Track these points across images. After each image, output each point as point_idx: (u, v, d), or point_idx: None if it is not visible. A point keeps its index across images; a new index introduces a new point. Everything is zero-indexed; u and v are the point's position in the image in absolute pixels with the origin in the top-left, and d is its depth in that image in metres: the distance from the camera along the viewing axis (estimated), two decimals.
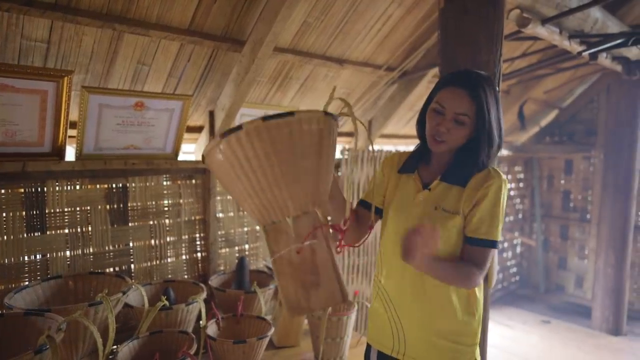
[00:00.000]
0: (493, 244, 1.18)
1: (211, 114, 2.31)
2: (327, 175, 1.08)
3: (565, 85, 4.58)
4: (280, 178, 0.98)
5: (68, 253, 1.94)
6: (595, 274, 4.48)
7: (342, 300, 1.04)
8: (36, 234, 1.85)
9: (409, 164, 1.33)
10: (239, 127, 0.93)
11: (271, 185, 0.98)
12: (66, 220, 1.94)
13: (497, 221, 1.18)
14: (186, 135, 2.27)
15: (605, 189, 4.31)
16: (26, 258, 1.83)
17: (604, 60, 3.08)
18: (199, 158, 2.41)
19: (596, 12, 2.60)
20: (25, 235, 1.83)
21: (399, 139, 3.75)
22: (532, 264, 5.62)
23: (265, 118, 0.94)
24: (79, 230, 1.97)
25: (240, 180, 0.99)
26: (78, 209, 1.97)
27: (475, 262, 1.17)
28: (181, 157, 2.25)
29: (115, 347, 1.66)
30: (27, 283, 1.79)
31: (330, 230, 1.09)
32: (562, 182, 5.35)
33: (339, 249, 1.10)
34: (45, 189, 1.87)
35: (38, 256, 1.87)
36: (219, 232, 2.45)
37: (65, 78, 1.66)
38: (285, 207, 1.01)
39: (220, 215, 2.46)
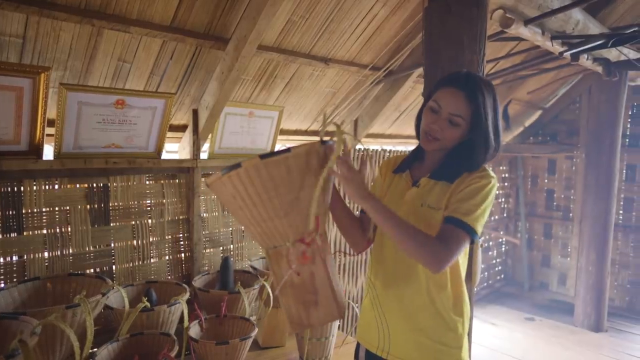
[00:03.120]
0: (468, 228, 1.09)
1: (195, 113, 2.28)
2: (324, 198, 1.12)
3: (548, 86, 4.64)
4: (279, 210, 1.05)
5: (46, 254, 1.89)
6: (577, 271, 4.56)
7: (339, 316, 1.13)
8: (12, 234, 1.80)
9: (403, 164, 1.34)
10: (238, 165, 0.99)
11: (271, 216, 1.06)
12: (44, 220, 1.89)
13: (478, 208, 1.11)
14: (169, 134, 2.24)
15: (587, 188, 4.38)
16: (1, 260, 1.78)
17: (585, 61, 3.13)
18: (183, 157, 2.38)
19: (577, 14, 2.64)
20: (0, 236, 1.77)
21: (384, 138, 3.76)
22: (517, 262, 5.70)
23: (263, 156, 0.99)
24: (57, 230, 1.92)
25: (242, 210, 1.07)
26: (57, 209, 1.92)
27: (443, 239, 1.08)
28: (164, 156, 2.22)
29: (94, 349, 1.62)
30: (2, 285, 1.74)
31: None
32: (546, 181, 5.43)
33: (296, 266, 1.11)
34: (22, 188, 1.82)
35: (14, 257, 1.81)
36: (203, 232, 2.42)
37: (42, 74, 1.62)
38: (285, 233, 1.09)
39: (205, 215, 2.43)
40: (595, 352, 3.88)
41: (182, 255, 2.36)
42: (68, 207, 1.96)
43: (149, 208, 2.22)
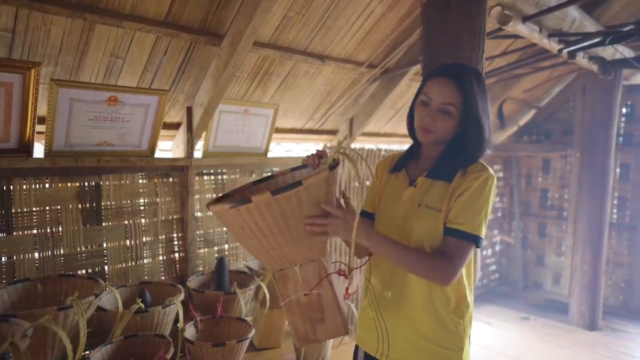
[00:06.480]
0: (471, 237, 1.09)
1: (189, 110, 2.24)
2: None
3: (543, 85, 4.65)
4: (289, 240, 1.06)
5: (37, 255, 1.85)
6: (572, 270, 4.57)
7: (345, 332, 1.18)
8: (1, 234, 1.76)
9: (399, 163, 1.31)
10: (248, 200, 0.97)
11: (281, 245, 1.07)
12: (34, 220, 1.84)
13: (479, 214, 1.10)
14: (163, 132, 2.20)
15: (582, 187, 4.39)
16: None
17: (581, 59, 3.13)
18: (177, 155, 2.34)
19: (574, 12, 2.63)
20: None
21: (380, 137, 3.74)
22: (511, 261, 5.70)
23: (274, 192, 0.97)
24: (48, 230, 1.88)
25: (250, 240, 1.07)
26: (47, 208, 1.88)
27: (446, 253, 1.09)
28: (158, 154, 2.18)
29: (87, 352, 1.58)
30: None
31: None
32: (540, 180, 5.44)
33: (346, 296, 1.17)
34: (11, 187, 1.78)
35: (4, 258, 1.77)
36: (198, 232, 2.38)
37: (32, 70, 1.58)
38: (293, 259, 1.11)
39: (199, 214, 2.39)
40: (590, 350, 3.89)
41: (176, 255, 2.32)
42: (59, 207, 1.91)
43: (142, 207, 2.18)
